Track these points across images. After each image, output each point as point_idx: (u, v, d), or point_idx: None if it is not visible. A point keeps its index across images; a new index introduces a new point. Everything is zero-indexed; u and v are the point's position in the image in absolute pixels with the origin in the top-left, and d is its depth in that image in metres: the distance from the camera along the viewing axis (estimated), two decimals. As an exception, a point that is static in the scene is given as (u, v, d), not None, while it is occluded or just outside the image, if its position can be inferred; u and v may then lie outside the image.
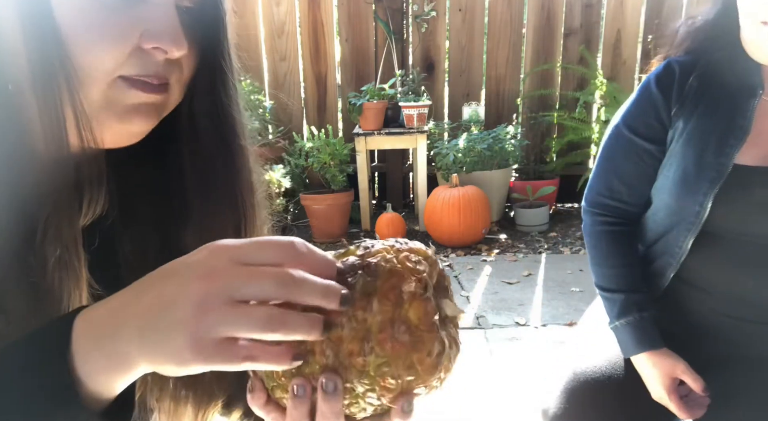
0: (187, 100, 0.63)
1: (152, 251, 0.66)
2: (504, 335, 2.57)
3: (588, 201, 1.28)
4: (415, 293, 0.45)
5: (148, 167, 0.66)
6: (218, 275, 0.41)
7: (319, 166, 3.94)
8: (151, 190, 0.66)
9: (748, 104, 1.09)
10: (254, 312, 0.41)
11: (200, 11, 0.60)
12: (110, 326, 0.43)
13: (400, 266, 0.46)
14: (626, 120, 1.21)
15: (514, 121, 4.59)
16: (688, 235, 1.11)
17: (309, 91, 4.47)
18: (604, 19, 4.49)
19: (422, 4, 4.33)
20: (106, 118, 0.55)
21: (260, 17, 4.28)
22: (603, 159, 1.26)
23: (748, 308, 1.09)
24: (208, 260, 0.43)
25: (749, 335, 1.11)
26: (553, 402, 1.15)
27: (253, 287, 0.41)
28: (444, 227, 3.67)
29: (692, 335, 1.16)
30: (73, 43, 0.51)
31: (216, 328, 0.40)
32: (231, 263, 0.42)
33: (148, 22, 0.54)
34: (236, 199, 0.66)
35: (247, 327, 0.41)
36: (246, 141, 0.67)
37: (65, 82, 0.50)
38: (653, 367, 1.11)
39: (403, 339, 0.44)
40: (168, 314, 0.41)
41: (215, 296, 0.41)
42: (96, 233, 0.61)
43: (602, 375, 1.15)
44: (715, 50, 1.15)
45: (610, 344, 1.20)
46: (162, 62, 0.56)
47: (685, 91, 1.14)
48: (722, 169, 1.07)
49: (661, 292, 1.18)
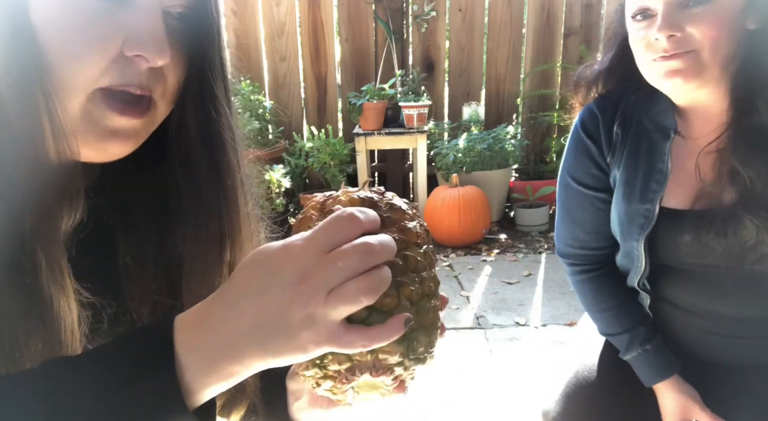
0: (178, 108, 0.62)
1: (149, 258, 0.66)
2: (504, 335, 2.57)
3: (559, 252, 1.28)
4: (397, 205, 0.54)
5: (145, 173, 0.65)
6: (312, 275, 0.44)
7: (319, 167, 3.94)
8: (150, 199, 0.66)
9: (663, 147, 1.10)
10: (349, 293, 0.44)
11: (191, 18, 0.58)
12: (224, 348, 0.45)
13: (381, 195, 0.53)
14: (570, 172, 1.22)
15: (514, 121, 4.58)
16: (640, 272, 1.13)
17: (309, 91, 4.47)
18: (604, 19, 4.48)
19: (422, 4, 4.33)
20: (84, 136, 0.54)
21: (260, 17, 4.28)
22: (561, 209, 1.25)
23: (727, 323, 1.09)
24: (296, 265, 0.44)
25: (730, 347, 1.11)
26: (554, 405, 1.15)
27: (345, 271, 0.44)
28: (444, 227, 3.67)
29: (679, 348, 1.15)
30: (53, 50, 0.50)
31: (332, 317, 0.44)
32: (315, 257, 0.44)
33: (132, 28, 0.53)
34: (220, 213, 0.65)
35: (352, 307, 0.44)
36: (236, 155, 0.66)
37: (42, 92, 0.49)
38: (666, 399, 1.11)
39: (423, 229, 0.53)
40: (284, 320, 0.44)
41: (319, 292, 0.43)
42: (95, 237, 0.61)
43: (603, 379, 1.15)
44: (630, 92, 1.15)
45: (611, 345, 1.20)
46: (145, 71, 0.54)
47: (613, 141, 1.15)
48: (649, 215, 1.09)
49: (650, 319, 1.17)
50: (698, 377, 1.12)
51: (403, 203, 0.53)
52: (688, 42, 0.98)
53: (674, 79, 1.01)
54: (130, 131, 0.56)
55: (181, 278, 0.65)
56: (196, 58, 0.60)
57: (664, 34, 0.98)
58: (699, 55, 0.99)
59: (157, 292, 0.66)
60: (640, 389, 1.14)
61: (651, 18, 1.02)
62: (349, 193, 0.52)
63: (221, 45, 0.62)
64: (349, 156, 4.02)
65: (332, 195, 0.53)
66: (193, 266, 0.65)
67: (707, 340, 1.12)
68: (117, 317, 0.63)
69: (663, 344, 1.14)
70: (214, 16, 0.60)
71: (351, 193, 0.52)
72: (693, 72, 1.00)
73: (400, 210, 0.52)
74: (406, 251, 0.49)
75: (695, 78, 1.00)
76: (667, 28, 0.98)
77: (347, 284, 0.44)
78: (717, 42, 0.98)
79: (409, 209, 0.53)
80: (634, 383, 1.14)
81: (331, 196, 0.53)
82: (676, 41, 0.98)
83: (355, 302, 0.44)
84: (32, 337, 0.52)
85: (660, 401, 1.12)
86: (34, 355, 0.52)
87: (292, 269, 0.44)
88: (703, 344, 1.13)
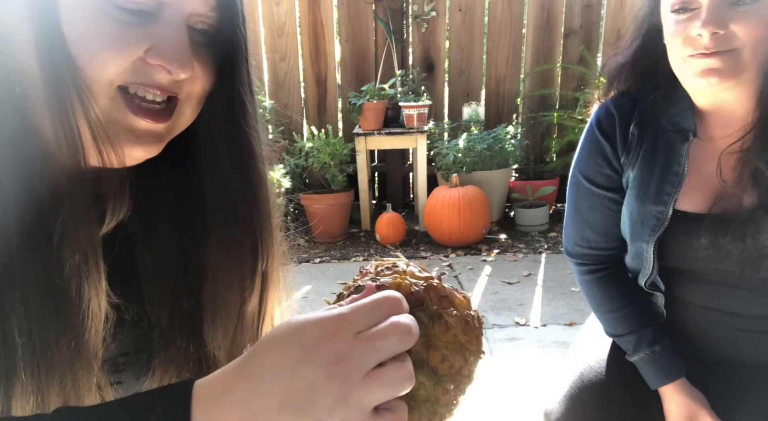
0: (205, 120, 0.62)
1: (170, 266, 0.65)
2: (504, 335, 2.57)
3: (567, 251, 1.27)
4: (449, 290, 0.51)
5: (171, 183, 0.65)
6: (349, 355, 0.42)
7: (319, 166, 3.94)
8: (174, 207, 0.66)
9: (681, 149, 1.09)
10: (390, 380, 0.43)
11: (219, 32, 0.59)
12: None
13: (424, 282, 0.50)
14: (582, 170, 1.21)
15: (514, 121, 4.59)
16: (647, 274, 1.12)
17: (309, 91, 4.47)
18: (604, 19, 4.49)
19: (422, 4, 4.33)
20: (113, 137, 0.54)
21: (260, 17, 4.29)
22: (571, 209, 1.24)
23: (739, 319, 1.08)
24: (334, 344, 0.43)
25: (741, 342, 1.10)
26: (557, 406, 1.14)
27: (383, 353, 0.43)
28: (444, 227, 3.67)
29: (687, 344, 1.15)
30: (79, 51, 0.50)
31: (366, 403, 0.42)
32: (352, 337, 0.43)
33: (156, 39, 0.53)
34: (253, 224, 0.66)
35: (391, 394, 0.43)
36: (264, 169, 0.66)
37: (75, 92, 0.50)
38: (672, 402, 1.10)
39: (476, 324, 0.51)
40: (315, 401, 0.42)
41: (354, 374, 0.42)
42: (115, 243, 0.61)
43: (607, 380, 1.14)
44: (649, 90, 1.14)
45: (615, 347, 1.19)
46: (167, 79, 0.55)
47: (628, 141, 1.14)
48: (662, 216, 1.08)
49: (663, 319, 1.16)
50: (706, 377, 1.11)
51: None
52: (730, 40, 0.96)
53: (710, 78, 0.98)
54: (154, 136, 0.57)
55: (203, 287, 0.65)
56: (224, 71, 0.61)
57: (708, 30, 0.95)
58: (739, 54, 0.97)
59: (176, 298, 0.66)
60: (645, 391, 1.13)
61: (692, 12, 0.99)
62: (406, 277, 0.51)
63: (248, 58, 0.63)
64: (349, 156, 4.02)
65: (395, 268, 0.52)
66: (217, 275, 0.64)
67: (717, 333, 1.11)
68: (135, 321, 0.64)
69: (671, 346, 1.13)
70: (241, 30, 0.61)
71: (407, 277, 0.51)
72: (731, 72, 0.97)
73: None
74: None
75: (732, 78, 0.98)
76: (712, 25, 0.95)
77: (387, 370, 0.43)
78: (760, 42, 0.96)
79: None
80: (638, 385, 1.13)
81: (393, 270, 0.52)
82: (718, 39, 0.96)
83: (397, 387, 0.43)
84: (62, 338, 0.52)
85: (665, 405, 1.11)
86: (64, 357, 0.52)
87: (331, 348, 0.42)
88: (713, 338, 1.12)
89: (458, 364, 0.48)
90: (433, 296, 0.49)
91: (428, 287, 0.50)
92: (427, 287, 0.50)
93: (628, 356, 1.15)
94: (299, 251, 3.76)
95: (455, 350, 0.48)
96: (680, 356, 1.13)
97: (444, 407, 0.49)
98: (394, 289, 0.48)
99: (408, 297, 0.48)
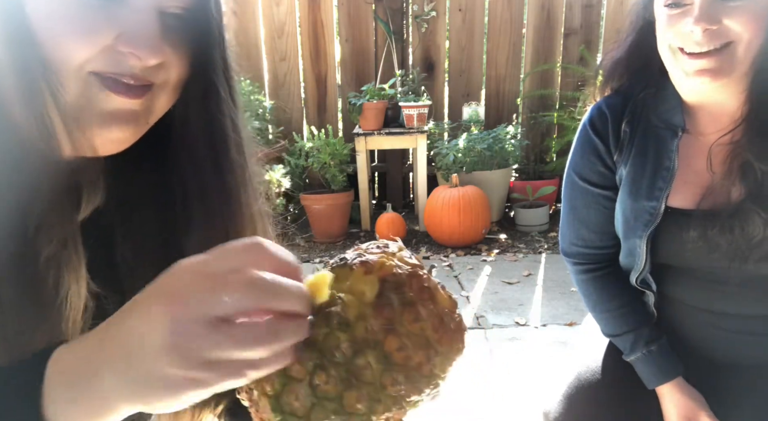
0: (182, 107, 0.61)
1: (150, 254, 0.65)
2: (504, 335, 2.57)
3: (563, 251, 1.27)
4: (435, 283, 0.48)
5: (150, 172, 0.65)
6: (181, 295, 0.39)
7: (319, 166, 3.94)
8: (154, 197, 0.66)
9: (671, 145, 1.09)
10: (238, 332, 0.38)
11: (191, 18, 0.58)
12: (84, 376, 0.40)
13: (410, 268, 0.48)
14: (576, 169, 1.22)
15: (514, 121, 4.59)
16: (639, 270, 1.12)
17: (309, 91, 4.47)
18: (604, 19, 4.49)
19: (422, 4, 4.33)
20: (86, 123, 0.53)
21: (260, 17, 4.28)
22: (567, 208, 1.25)
23: (733, 320, 1.09)
24: (169, 282, 0.40)
25: (738, 344, 1.10)
26: (555, 405, 1.14)
27: (226, 302, 0.38)
28: (444, 227, 3.67)
29: (684, 346, 1.15)
30: (45, 37, 0.50)
31: (199, 353, 0.38)
32: (193, 278, 0.39)
33: (126, 25, 0.52)
34: (232, 212, 0.65)
35: (236, 347, 0.38)
36: (242, 155, 0.65)
37: (44, 77, 0.49)
38: (670, 402, 1.10)
39: (452, 326, 0.48)
40: (141, 350, 0.38)
41: (188, 320, 0.38)
42: (96, 232, 0.61)
43: (605, 380, 1.14)
44: (640, 88, 1.14)
45: (613, 347, 1.19)
46: (139, 66, 0.54)
47: (621, 139, 1.15)
48: (654, 212, 1.08)
49: (654, 318, 1.17)
50: (703, 378, 1.11)
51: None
52: (724, 34, 0.96)
53: (702, 78, 0.99)
54: (130, 113, 0.56)
55: None
56: (198, 58, 0.60)
57: (700, 26, 0.95)
58: (733, 49, 0.96)
59: None
60: (643, 391, 1.13)
61: (685, 7, 0.98)
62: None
63: (223, 44, 0.62)
64: (349, 156, 4.02)
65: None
66: None
67: (714, 336, 1.11)
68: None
69: (667, 345, 1.13)
70: (214, 15, 0.60)
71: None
72: (724, 71, 0.97)
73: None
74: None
75: (725, 76, 0.98)
76: (705, 21, 0.95)
77: (237, 325, 0.39)
78: (753, 36, 0.95)
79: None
80: (636, 385, 1.13)
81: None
82: (711, 34, 0.96)
83: (237, 346, 0.38)
84: (37, 328, 0.51)
85: (663, 405, 1.11)
86: (39, 347, 0.51)
87: (164, 285, 0.40)
88: (709, 341, 1.12)
89: (418, 359, 0.46)
90: (414, 284, 0.47)
91: (412, 274, 0.48)
92: (411, 273, 0.48)
93: (625, 356, 1.15)
94: (299, 250, 3.76)
95: (418, 343, 0.46)
96: (677, 355, 1.13)
97: (390, 398, 0.46)
98: (378, 267, 0.47)
99: (388, 278, 0.46)
